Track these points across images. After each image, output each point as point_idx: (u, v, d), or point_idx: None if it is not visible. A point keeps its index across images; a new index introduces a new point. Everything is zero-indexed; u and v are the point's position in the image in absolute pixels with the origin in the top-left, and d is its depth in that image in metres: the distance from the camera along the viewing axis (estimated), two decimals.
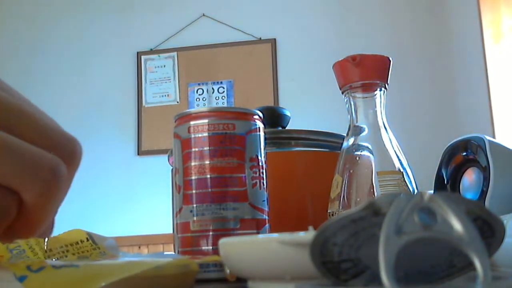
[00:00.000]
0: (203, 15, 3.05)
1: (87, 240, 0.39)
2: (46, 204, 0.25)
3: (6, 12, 3.13)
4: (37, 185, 0.24)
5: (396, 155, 0.53)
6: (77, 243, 0.39)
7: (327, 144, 0.72)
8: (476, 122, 2.54)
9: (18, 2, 3.15)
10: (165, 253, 0.46)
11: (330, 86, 1.03)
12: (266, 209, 0.49)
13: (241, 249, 0.33)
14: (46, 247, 0.37)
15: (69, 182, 0.27)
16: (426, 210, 0.21)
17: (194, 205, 0.47)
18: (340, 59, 0.55)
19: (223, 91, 2.99)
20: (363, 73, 0.53)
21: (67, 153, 0.26)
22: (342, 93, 0.55)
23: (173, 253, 0.51)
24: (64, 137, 0.26)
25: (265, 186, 0.49)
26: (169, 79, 3.03)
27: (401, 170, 0.52)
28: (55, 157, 0.25)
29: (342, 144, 0.56)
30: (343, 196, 0.52)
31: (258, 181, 0.48)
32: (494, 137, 1.91)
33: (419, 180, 0.54)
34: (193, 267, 0.35)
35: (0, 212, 0.23)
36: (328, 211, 0.54)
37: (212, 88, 3.00)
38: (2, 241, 0.29)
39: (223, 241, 0.34)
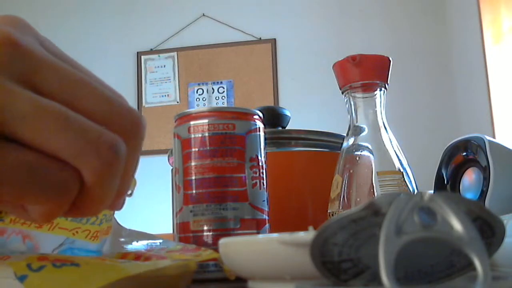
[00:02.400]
0: (203, 15, 3.05)
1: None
2: (105, 183, 0.24)
3: (5, 12, 3.12)
4: (96, 163, 0.23)
5: (396, 155, 0.53)
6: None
7: (327, 144, 0.72)
8: (476, 122, 2.54)
9: (18, 3, 3.15)
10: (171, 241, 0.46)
11: (330, 86, 1.03)
12: (266, 209, 0.49)
13: (241, 249, 0.33)
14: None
15: (135, 156, 0.26)
16: (426, 210, 0.21)
17: (194, 205, 0.47)
18: (340, 59, 0.55)
19: (223, 91, 2.99)
20: (363, 73, 0.53)
21: (129, 125, 0.25)
22: (342, 93, 0.55)
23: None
24: (125, 109, 0.25)
25: (265, 186, 0.49)
26: (169, 79, 3.03)
27: (401, 170, 0.52)
28: (115, 136, 0.24)
29: (342, 144, 0.56)
30: (343, 196, 0.52)
31: (258, 181, 0.48)
32: (494, 137, 1.91)
33: (419, 180, 0.54)
34: (191, 267, 0.35)
35: (60, 186, 0.23)
36: (328, 211, 0.54)
37: (212, 88, 3.00)
38: (65, 217, 0.29)
39: (223, 241, 0.34)
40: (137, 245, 0.41)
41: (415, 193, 0.27)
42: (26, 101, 0.22)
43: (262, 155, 0.50)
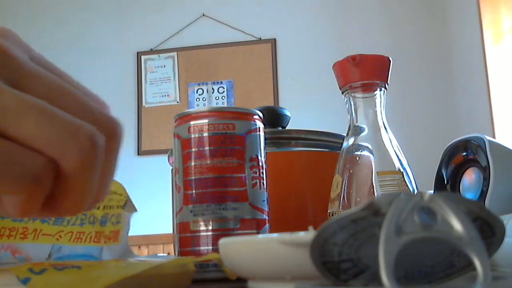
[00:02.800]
0: (203, 15, 3.05)
1: (120, 195, 0.41)
2: (85, 173, 0.24)
3: (5, 12, 3.13)
4: (76, 153, 0.23)
5: (396, 155, 0.53)
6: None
7: (327, 144, 0.72)
8: (476, 122, 2.54)
9: (18, 3, 3.15)
10: (159, 254, 0.46)
11: (330, 86, 1.03)
12: (266, 209, 0.49)
13: (241, 249, 0.33)
14: None
15: (111, 162, 0.27)
16: (426, 210, 0.21)
17: (194, 205, 0.47)
18: (340, 59, 0.55)
19: (223, 91, 2.99)
20: (363, 73, 0.53)
21: (107, 130, 0.26)
22: (342, 93, 0.55)
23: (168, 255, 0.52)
24: (104, 117, 0.26)
25: (265, 186, 0.49)
26: (169, 79, 3.03)
27: (401, 170, 0.52)
28: (93, 128, 0.24)
29: (342, 144, 0.56)
30: (343, 196, 0.52)
31: (258, 181, 0.48)
32: (494, 137, 1.91)
33: (419, 180, 0.54)
34: (190, 267, 0.36)
35: (34, 174, 0.23)
36: (328, 211, 0.54)
37: (212, 88, 3.00)
38: (49, 216, 0.29)
39: (223, 241, 0.34)
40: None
41: (415, 193, 0.27)
42: (8, 95, 0.23)
43: (262, 155, 0.50)
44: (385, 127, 0.54)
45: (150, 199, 2.61)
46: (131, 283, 0.29)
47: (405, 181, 0.52)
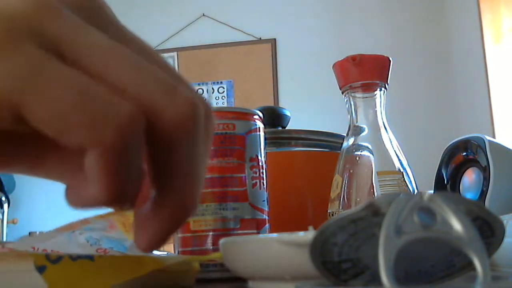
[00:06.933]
0: (203, 15, 3.05)
1: None
2: (188, 142, 0.19)
3: None
4: (173, 112, 0.18)
5: (396, 155, 0.53)
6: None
7: (327, 144, 0.72)
8: (476, 122, 2.54)
9: None
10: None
11: (330, 86, 1.03)
12: (266, 209, 0.49)
13: (241, 249, 0.33)
14: None
15: (208, 148, 0.21)
16: (426, 210, 0.21)
17: None
18: (340, 59, 0.55)
19: (223, 91, 2.99)
20: (363, 73, 0.53)
21: (205, 108, 0.20)
22: (342, 93, 0.55)
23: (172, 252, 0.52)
24: (198, 94, 0.21)
25: (265, 186, 0.49)
26: None
27: (401, 170, 0.52)
28: (193, 93, 0.20)
29: (342, 144, 0.56)
30: (343, 196, 0.52)
31: (258, 181, 0.48)
32: (494, 137, 1.91)
33: (419, 180, 0.54)
34: (195, 265, 0.36)
35: (117, 119, 0.17)
36: (328, 211, 0.54)
37: (212, 88, 3.00)
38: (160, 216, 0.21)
39: (223, 241, 0.34)
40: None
41: (415, 193, 0.27)
42: (99, 35, 0.19)
43: (262, 155, 0.50)
44: (385, 127, 0.54)
45: None
46: (137, 279, 0.29)
47: (405, 181, 0.52)
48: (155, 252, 0.36)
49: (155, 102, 0.18)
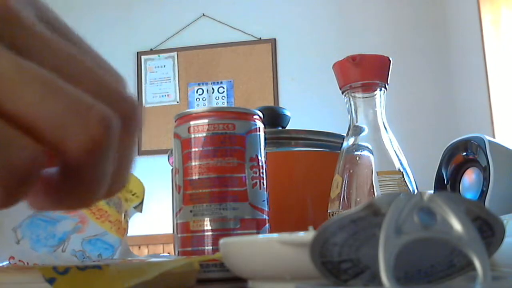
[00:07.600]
0: (203, 15, 3.05)
1: (137, 197, 0.42)
2: (95, 164, 0.20)
3: None
4: (82, 137, 0.19)
5: (396, 155, 0.53)
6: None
7: (327, 144, 0.72)
8: (476, 122, 2.54)
9: None
10: (161, 254, 0.47)
11: (330, 86, 1.03)
12: (266, 209, 0.49)
13: (241, 249, 0.33)
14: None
15: (128, 149, 0.23)
16: (426, 210, 0.21)
17: (194, 205, 0.47)
18: (340, 59, 0.55)
19: (223, 91, 2.99)
20: (363, 73, 0.53)
21: (123, 113, 0.22)
22: (342, 93, 0.55)
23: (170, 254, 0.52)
24: (120, 94, 0.22)
25: (265, 186, 0.49)
26: (169, 79, 3.03)
27: (401, 170, 0.52)
28: (106, 108, 0.20)
29: (342, 144, 0.56)
30: (343, 196, 0.52)
31: (258, 181, 0.48)
32: (494, 137, 1.91)
33: (419, 180, 0.54)
34: (195, 266, 0.36)
35: (9, 168, 0.18)
36: (328, 211, 0.54)
37: (212, 88, 3.00)
38: (60, 210, 0.25)
39: (223, 241, 0.34)
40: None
41: (415, 193, 0.27)
42: (6, 60, 0.19)
43: (262, 155, 0.50)
44: (385, 127, 0.54)
45: (150, 199, 2.61)
46: (143, 283, 0.30)
47: (405, 181, 0.52)
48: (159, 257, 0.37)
49: (64, 133, 0.19)
